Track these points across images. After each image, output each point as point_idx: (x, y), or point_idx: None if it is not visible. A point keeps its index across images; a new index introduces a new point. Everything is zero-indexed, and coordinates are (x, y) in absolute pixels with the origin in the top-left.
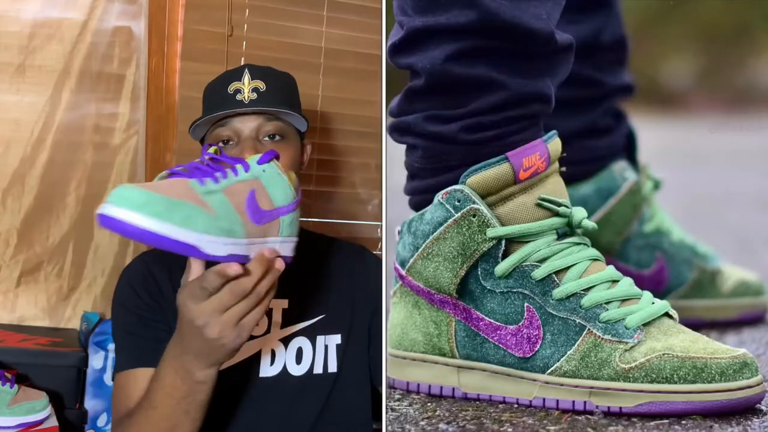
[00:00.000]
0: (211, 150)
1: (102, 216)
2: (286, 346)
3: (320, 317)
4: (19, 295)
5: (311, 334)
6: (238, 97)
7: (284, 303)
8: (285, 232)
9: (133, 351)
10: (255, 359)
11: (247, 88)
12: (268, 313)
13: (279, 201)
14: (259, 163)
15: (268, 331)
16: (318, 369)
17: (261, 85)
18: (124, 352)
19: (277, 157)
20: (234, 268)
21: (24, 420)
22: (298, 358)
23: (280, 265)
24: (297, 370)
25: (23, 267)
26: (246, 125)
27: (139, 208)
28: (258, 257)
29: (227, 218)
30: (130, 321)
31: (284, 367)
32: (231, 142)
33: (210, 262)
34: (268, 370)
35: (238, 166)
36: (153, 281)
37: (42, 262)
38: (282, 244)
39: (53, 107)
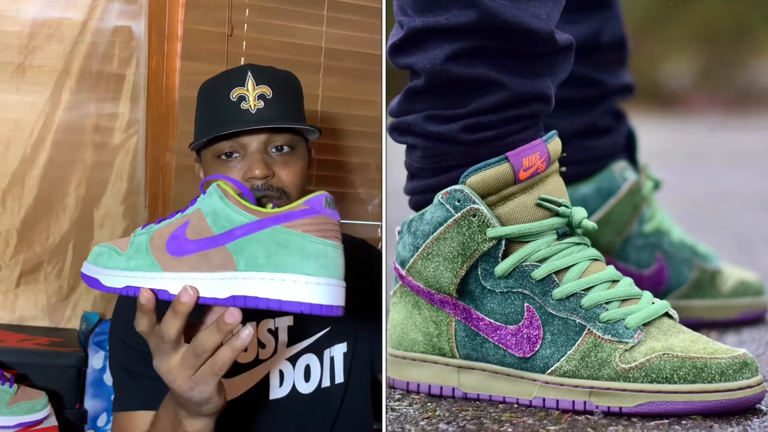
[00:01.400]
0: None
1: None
2: (293, 365)
3: (326, 330)
4: (19, 295)
5: (317, 349)
6: (243, 105)
7: (289, 320)
8: (246, 264)
9: (133, 392)
10: (264, 382)
11: (252, 95)
12: (274, 333)
13: (219, 227)
14: (203, 193)
15: (274, 352)
16: (326, 383)
17: (267, 91)
18: (124, 391)
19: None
20: (143, 297)
21: (23, 419)
22: (306, 376)
23: (231, 317)
24: (306, 388)
25: (23, 267)
26: (253, 138)
27: (89, 257)
28: (175, 304)
29: (137, 256)
30: (130, 357)
31: (293, 387)
32: (236, 155)
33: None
34: (277, 392)
35: (191, 203)
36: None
37: (42, 262)
38: (248, 281)
39: (53, 107)
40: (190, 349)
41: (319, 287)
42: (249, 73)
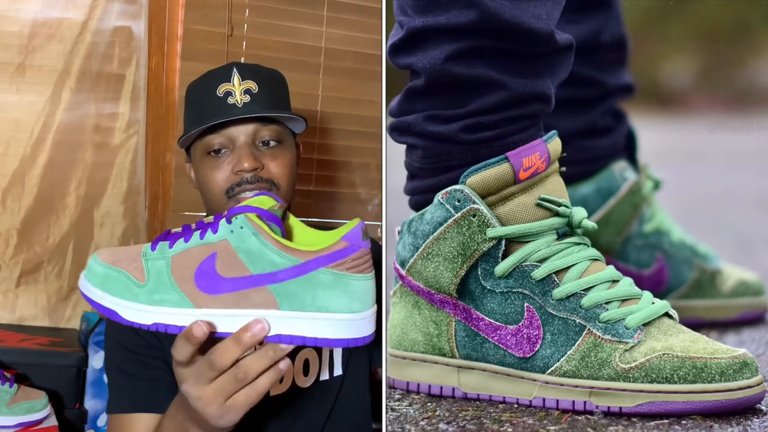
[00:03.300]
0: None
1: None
2: (293, 360)
3: None
4: (19, 295)
5: None
6: (230, 100)
7: None
8: (289, 305)
9: (129, 394)
10: None
11: (238, 89)
12: None
13: (258, 267)
14: (227, 222)
15: None
16: (324, 375)
17: (253, 85)
18: (120, 393)
19: (285, 215)
20: (196, 330)
21: (23, 419)
22: (305, 370)
23: (277, 352)
24: (305, 382)
25: (23, 267)
26: (241, 131)
27: (86, 274)
28: (238, 332)
29: (160, 290)
30: (126, 359)
31: (293, 382)
32: (224, 150)
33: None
34: (277, 388)
35: (210, 229)
36: None
37: (42, 262)
38: (290, 320)
39: (53, 107)
40: (230, 375)
41: (362, 322)
42: (234, 70)
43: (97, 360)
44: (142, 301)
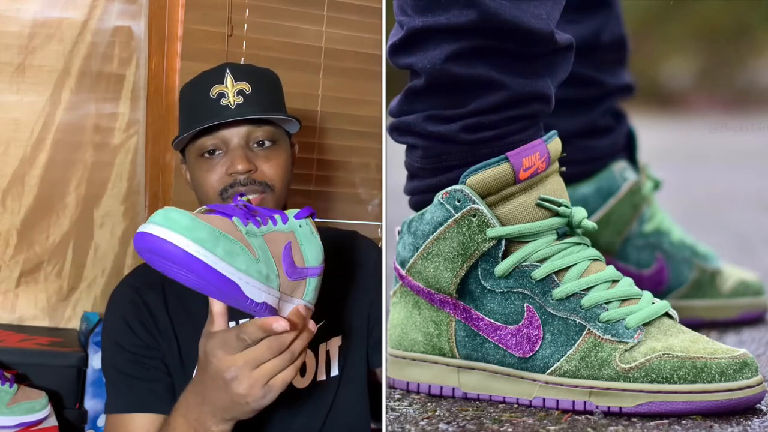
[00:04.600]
0: (242, 199)
1: (144, 235)
2: None
3: (320, 324)
4: (19, 295)
5: (313, 343)
6: (223, 102)
7: None
8: (309, 296)
9: (127, 394)
10: None
11: (231, 91)
12: None
13: (310, 260)
14: (297, 217)
15: None
16: (321, 376)
17: (246, 87)
18: (118, 393)
19: (313, 215)
20: (281, 324)
21: (23, 419)
22: (302, 371)
23: (313, 327)
24: (301, 383)
25: (23, 267)
26: (234, 133)
27: (186, 232)
28: (296, 312)
29: (267, 264)
30: (124, 359)
31: (290, 383)
32: (218, 152)
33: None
34: None
35: (276, 217)
36: (147, 312)
37: (42, 262)
38: (304, 308)
39: (53, 107)
40: (287, 354)
41: None
42: (227, 71)
43: (97, 360)
44: (258, 278)
